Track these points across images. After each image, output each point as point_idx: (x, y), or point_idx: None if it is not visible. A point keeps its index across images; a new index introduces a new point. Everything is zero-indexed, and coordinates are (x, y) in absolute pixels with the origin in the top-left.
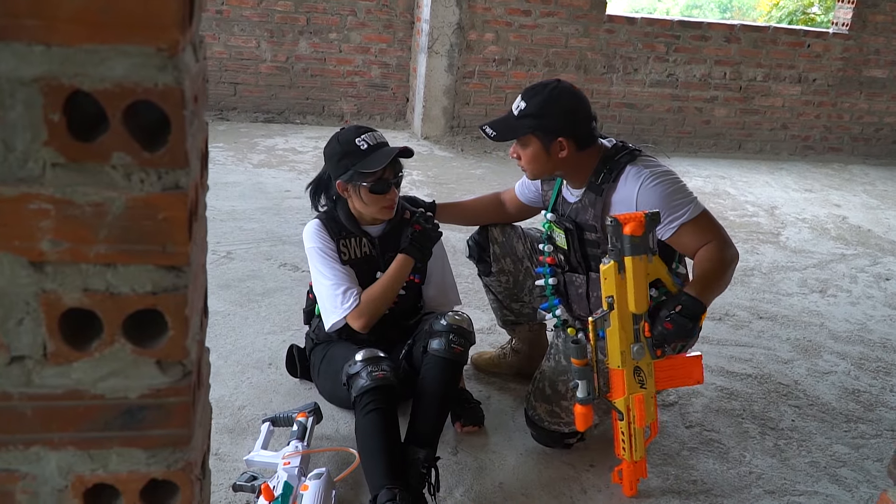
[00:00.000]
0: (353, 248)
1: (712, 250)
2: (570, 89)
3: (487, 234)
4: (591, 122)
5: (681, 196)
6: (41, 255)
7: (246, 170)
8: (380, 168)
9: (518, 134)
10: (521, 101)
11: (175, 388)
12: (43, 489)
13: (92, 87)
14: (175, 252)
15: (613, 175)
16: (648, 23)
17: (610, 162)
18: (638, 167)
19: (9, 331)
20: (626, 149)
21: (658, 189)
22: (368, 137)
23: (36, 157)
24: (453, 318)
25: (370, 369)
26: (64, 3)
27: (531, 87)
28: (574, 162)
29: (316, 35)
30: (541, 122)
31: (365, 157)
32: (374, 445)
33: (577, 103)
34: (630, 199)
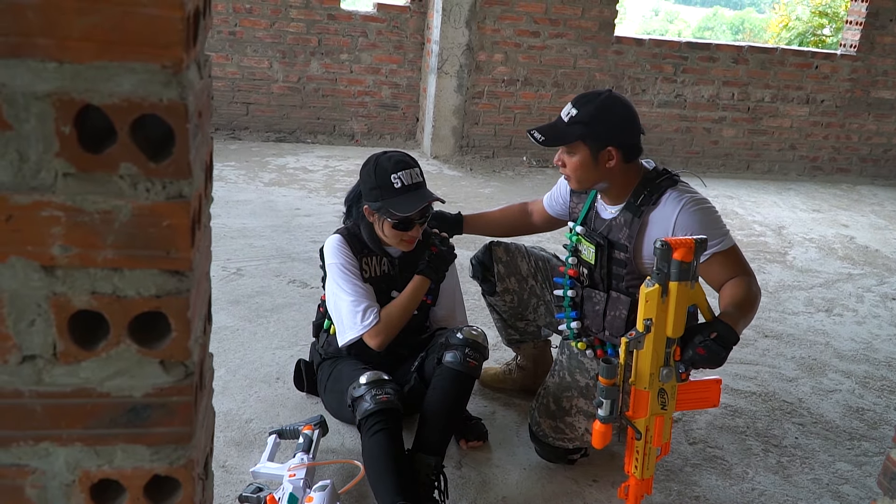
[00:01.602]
0: (374, 267)
1: (742, 284)
2: (622, 99)
3: (491, 254)
4: (640, 135)
5: (717, 226)
6: (52, 259)
7: (257, 188)
8: (408, 214)
9: (567, 140)
10: (571, 108)
11: (178, 387)
12: (51, 484)
13: (101, 101)
14: (178, 257)
15: (654, 198)
16: (656, 44)
17: (650, 184)
18: (679, 192)
19: (21, 331)
20: (667, 173)
21: (697, 216)
22: (405, 176)
23: (48, 168)
24: (469, 332)
25: (374, 392)
26: (75, 23)
27: (583, 94)
28: (619, 174)
29: (327, 56)
30: (592, 130)
31: (396, 195)
32: (383, 465)
33: (629, 113)
34: (668, 222)
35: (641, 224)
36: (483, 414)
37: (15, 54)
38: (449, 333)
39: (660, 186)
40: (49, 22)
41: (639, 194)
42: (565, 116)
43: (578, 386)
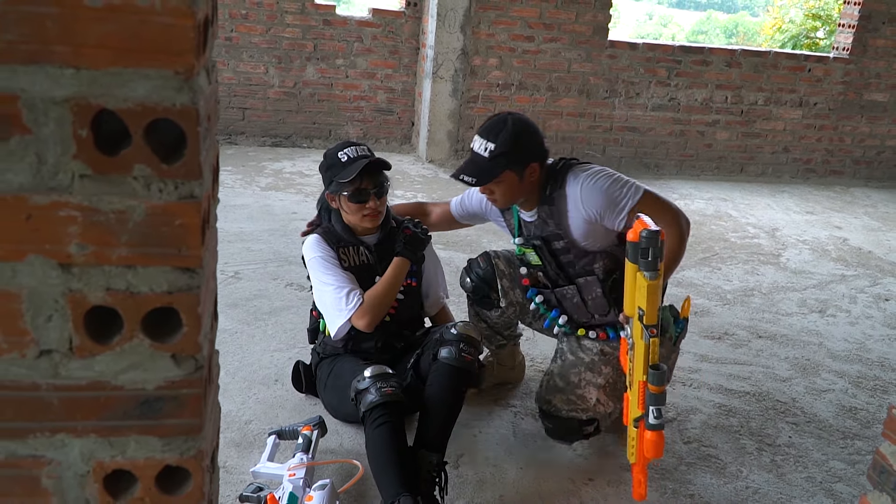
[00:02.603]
0: (352, 257)
1: (667, 234)
2: (524, 118)
3: (494, 270)
4: (545, 141)
5: (619, 185)
6: (69, 257)
7: (254, 192)
8: (353, 176)
9: (496, 174)
10: (486, 142)
11: (188, 380)
12: (66, 474)
13: (116, 106)
14: (189, 255)
15: (559, 184)
16: (650, 48)
17: (552, 176)
18: (574, 173)
19: (38, 326)
20: (563, 160)
21: (597, 186)
22: (350, 150)
23: (66, 169)
24: (464, 328)
25: (379, 385)
26: (91, 31)
27: (489, 126)
28: (537, 183)
29: (323, 61)
30: (515, 156)
31: (343, 167)
32: (386, 458)
33: (535, 128)
34: (576, 203)
35: (559, 210)
36: (479, 415)
37: (34, 61)
38: (444, 329)
39: (560, 173)
40: (66, 30)
41: (545, 188)
42: (484, 152)
43: (584, 362)
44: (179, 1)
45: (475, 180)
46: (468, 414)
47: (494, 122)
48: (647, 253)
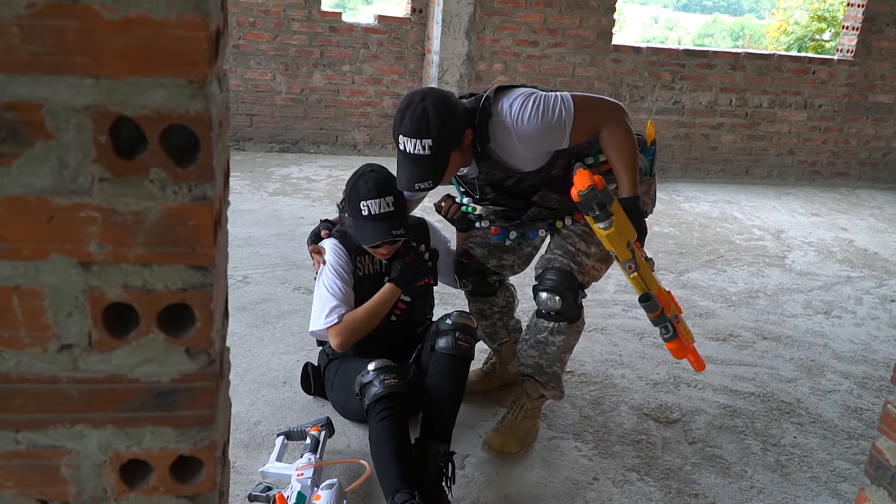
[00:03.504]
0: (368, 265)
1: (609, 136)
2: (437, 94)
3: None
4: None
5: (549, 112)
6: (89, 256)
7: (262, 198)
8: (365, 245)
9: (446, 164)
10: (421, 140)
11: (201, 373)
12: (84, 464)
13: (134, 113)
14: (202, 254)
15: (486, 137)
16: (654, 52)
17: (475, 128)
18: (493, 119)
19: (59, 322)
20: (477, 106)
21: (529, 126)
22: (373, 205)
23: (86, 173)
24: (458, 317)
25: (382, 377)
26: (110, 43)
27: (413, 122)
28: (471, 140)
29: (329, 67)
30: (450, 138)
31: (363, 221)
32: (388, 451)
33: (450, 96)
34: (511, 144)
35: (499, 159)
36: (484, 416)
37: (56, 71)
38: (439, 321)
39: (481, 126)
40: (87, 42)
41: (474, 145)
42: (423, 150)
43: (576, 233)
44: (193, 14)
45: (431, 183)
46: (473, 415)
47: (414, 114)
48: (593, 208)
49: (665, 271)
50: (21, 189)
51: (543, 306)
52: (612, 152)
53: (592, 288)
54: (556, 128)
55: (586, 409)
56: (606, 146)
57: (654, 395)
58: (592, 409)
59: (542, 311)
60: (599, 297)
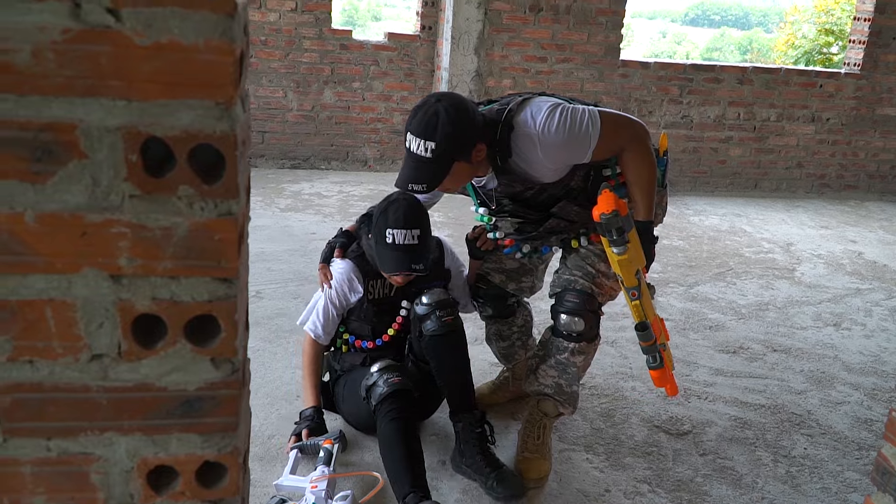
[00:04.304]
0: (379, 289)
1: (630, 158)
2: (454, 98)
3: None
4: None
5: (574, 120)
6: (119, 269)
7: (274, 214)
8: (384, 273)
9: (445, 171)
10: (424, 141)
11: (226, 381)
12: (113, 470)
13: (163, 133)
14: (227, 266)
15: (507, 151)
16: (661, 67)
17: (494, 146)
18: (517, 132)
19: (91, 333)
20: (500, 119)
21: (556, 132)
22: (399, 235)
23: (117, 190)
24: (431, 295)
25: (386, 377)
26: (141, 67)
27: (423, 122)
28: (487, 155)
29: (340, 84)
30: (458, 146)
31: (386, 248)
32: (398, 453)
33: (468, 105)
34: (534, 157)
35: (521, 172)
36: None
37: (90, 94)
38: (414, 307)
39: (504, 141)
40: (119, 67)
41: (494, 159)
42: (425, 152)
43: (594, 253)
44: (220, 39)
45: (425, 186)
46: None
47: (426, 115)
48: (612, 232)
49: (674, 284)
50: (56, 206)
51: (565, 328)
52: (631, 174)
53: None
54: (581, 142)
55: (597, 421)
56: (627, 167)
57: (664, 407)
58: (603, 422)
59: (563, 331)
60: (609, 310)
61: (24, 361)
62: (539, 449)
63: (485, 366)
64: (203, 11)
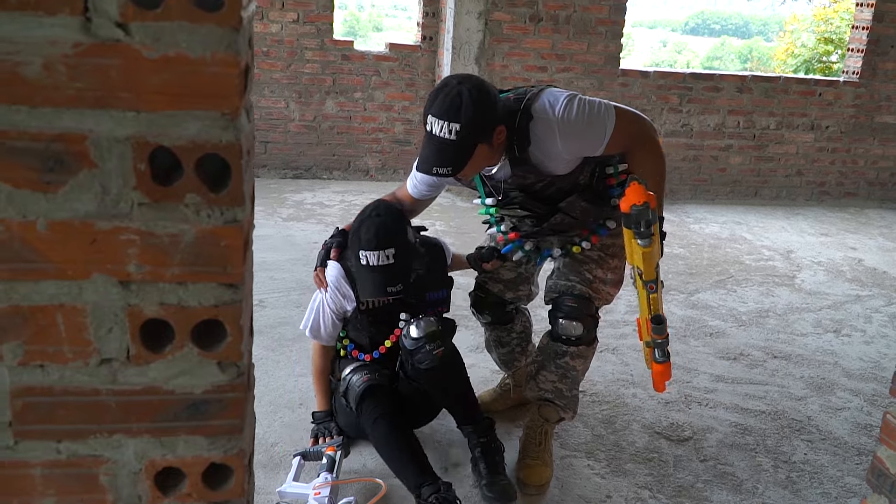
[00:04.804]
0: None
1: (644, 154)
2: (476, 81)
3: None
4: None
5: (592, 109)
6: (128, 275)
7: (276, 223)
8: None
9: (469, 154)
10: (447, 123)
11: (231, 385)
12: (121, 472)
13: (171, 143)
14: (233, 272)
15: (526, 140)
16: (661, 76)
17: (512, 133)
18: (536, 119)
19: (100, 337)
20: (518, 108)
21: (576, 119)
22: (372, 256)
23: (126, 199)
24: (419, 328)
25: (354, 378)
26: (150, 80)
27: (445, 103)
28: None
29: (342, 95)
30: (481, 129)
31: (361, 269)
32: (394, 448)
33: (490, 87)
34: (552, 144)
35: (535, 163)
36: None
37: (100, 105)
38: (403, 338)
39: (522, 129)
40: (128, 79)
41: (511, 148)
42: (449, 135)
43: (592, 259)
44: (226, 52)
45: (450, 169)
46: None
47: (447, 96)
48: (640, 224)
49: (675, 292)
50: (66, 214)
51: (564, 332)
52: (645, 169)
53: (603, 309)
54: (597, 131)
55: (598, 428)
56: (639, 162)
57: (665, 413)
58: (605, 428)
59: (562, 336)
60: (610, 317)
61: (36, 366)
62: (541, 455)
63: (486, 373)
64: (209, 25)
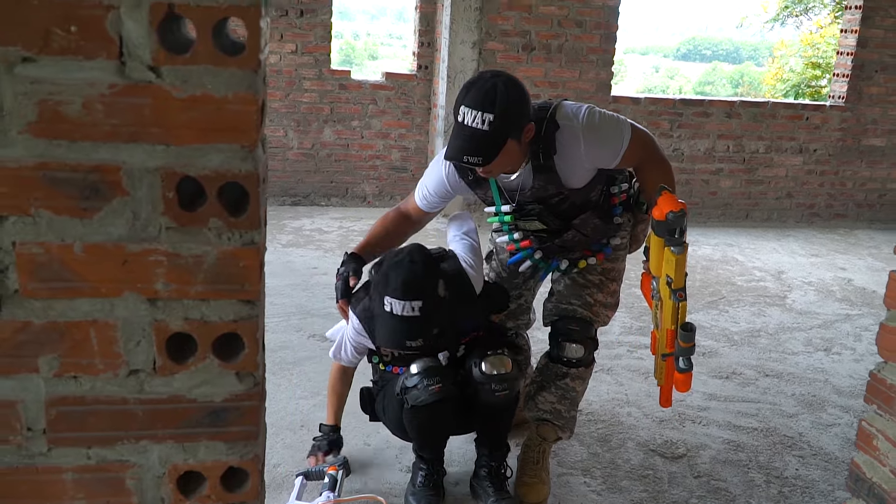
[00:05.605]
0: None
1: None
2: (511, 77)
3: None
4: None
5: (612, 119)
6: (156, 293)
7: (275, 249)
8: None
9: (500, 146)
10: (482, 113)
11: (248, 393)
12: (146, 476)
13: (196, 173)
14: (251, 290)
15: (552, 148)
16: (652, 102)
17: (538, 140)
18: (562, 128)
19: (129, 350)
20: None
21: (597, 134)
22: (397, 305)
23: (155, 223)
24: (491, 365)
25: (426, 382)
26: (178, 117)
27: (480, 95)
28: (532, 135)
29: (339, 123)
30: (513, 122)
31: (383, 316)
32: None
33: (521, 84)
34: (576, 156)
35: (558, 173)
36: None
37: (133, 140)
38: (471, 362)
39: (549, 137)
40: (159, 116)
41: (536, 155)
42: (482, 125)
43: (593, 283)
44: (246, 91)
45: (481, 159)
46: None
47: (482, 88)
48: (675, 231)
49: None
50: (101, 237)
51: (566, 354)
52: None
53: (599, 331)
54: (616, 141)
55: (594, 446)
56: (653, 176)
57: (659, 431)
58: (600, 447)
59: (563, 357)
60: (605, 338)
61: (69, 377)
62: (538, 473)
63: None
64: (232, 68)
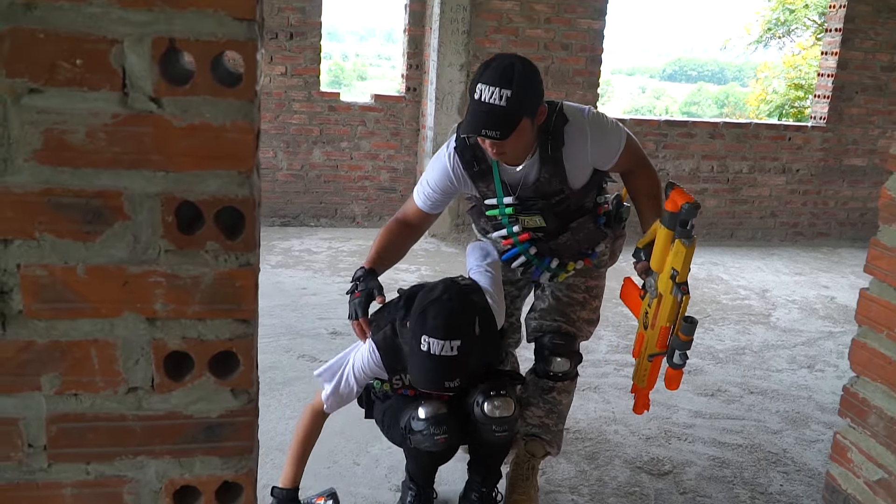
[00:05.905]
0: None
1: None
2: (527, 59)
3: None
4: None
5: (613, 130)
6: (154, 313)
7: (265, 270)
8: (416, 387)
9: (517, 122)
10: (501, 90)
11: (243, 409)
12: (143, 491)
13: (195, 198)
14: (246, 309)
15: (559, 140)
16: (637, 123)
17: (546, 131)
18: (571, 123)
19: (128, 368)
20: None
21: (602, 134)
22: (435, 344)
23: (154, 246)
24: (493, 407)
25: (433, 431)
26: (178, 144)
27: (498, 72)
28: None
29: (328, 144)
30: (531, 100)
31: (419, 355)
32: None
33: (534, 65)
34: (582, 152)
35: (563, 168)
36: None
37: (135, 167)
38: (474, 406)
39: (557, 131)
40: (160, 144)
41: (545, 145)
42: (500, 101)
43: (577, 301)
44: (243, 120)
45: (498, 133)
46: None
47: (501, 66)
48: (687, 223)
49: None
50: (103, 259)
51: (554, 368)
52: (652, 189)
53: (586, 349)
54: (616, 141)
55: (582, 463)
56: (646, 182)
57: (646, 448)
58: (588, 464)
59: (550, 372)
60: (593, 357)
61: (70, 395)
62: (527, 490)
63: None
64: (229, 99)
